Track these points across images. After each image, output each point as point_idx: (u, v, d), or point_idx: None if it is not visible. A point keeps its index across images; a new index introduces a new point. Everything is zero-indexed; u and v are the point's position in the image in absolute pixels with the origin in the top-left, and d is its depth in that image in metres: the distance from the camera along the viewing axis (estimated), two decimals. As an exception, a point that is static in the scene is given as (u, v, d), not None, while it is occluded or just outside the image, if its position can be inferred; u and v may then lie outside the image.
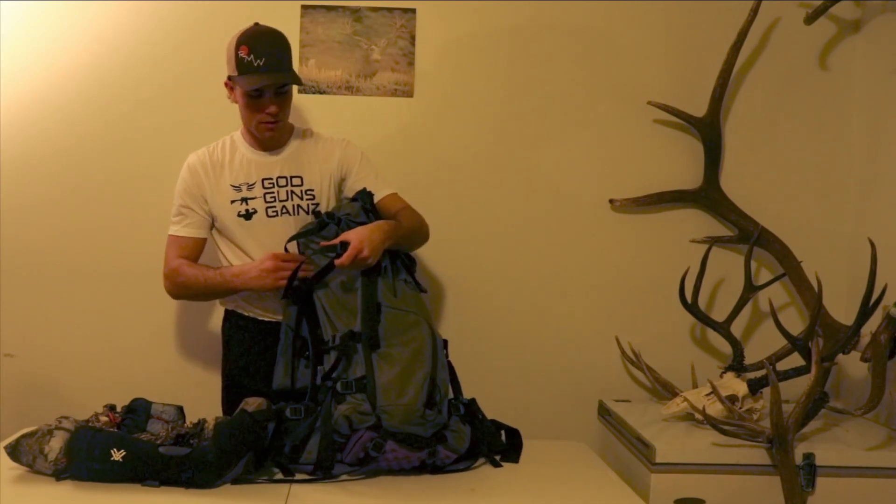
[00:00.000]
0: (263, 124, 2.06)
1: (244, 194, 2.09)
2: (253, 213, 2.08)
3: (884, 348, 2.05)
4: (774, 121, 2.61)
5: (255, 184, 2.10)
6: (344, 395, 1.73)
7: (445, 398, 1.83)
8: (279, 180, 2.11)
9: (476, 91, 2.56)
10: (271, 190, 2.10)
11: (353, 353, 1.79)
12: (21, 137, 2.47)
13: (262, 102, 2.03)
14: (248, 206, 2.08)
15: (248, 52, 1.99)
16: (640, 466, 2.04)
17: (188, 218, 2.12)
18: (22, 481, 1.61)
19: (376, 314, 1.85)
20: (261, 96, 2.03)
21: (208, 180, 2.11)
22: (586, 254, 2.59)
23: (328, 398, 1.75)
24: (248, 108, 2.05)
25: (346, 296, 1.89)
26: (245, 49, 2.00)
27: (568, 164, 2.59)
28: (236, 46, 2.02)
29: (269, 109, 2.03)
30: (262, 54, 1.99)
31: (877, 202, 2.49)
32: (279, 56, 2.04)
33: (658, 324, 2.58)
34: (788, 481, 1.94)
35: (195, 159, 2.14)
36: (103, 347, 2.50)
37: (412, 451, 1.71)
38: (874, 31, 2.53)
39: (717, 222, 2.59)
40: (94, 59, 2.47)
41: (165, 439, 1.66)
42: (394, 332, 1.85)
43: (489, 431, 1.91)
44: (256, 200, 2.09)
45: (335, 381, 1.77)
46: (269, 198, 2.10)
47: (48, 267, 2.49)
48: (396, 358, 1.80)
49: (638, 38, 2.58)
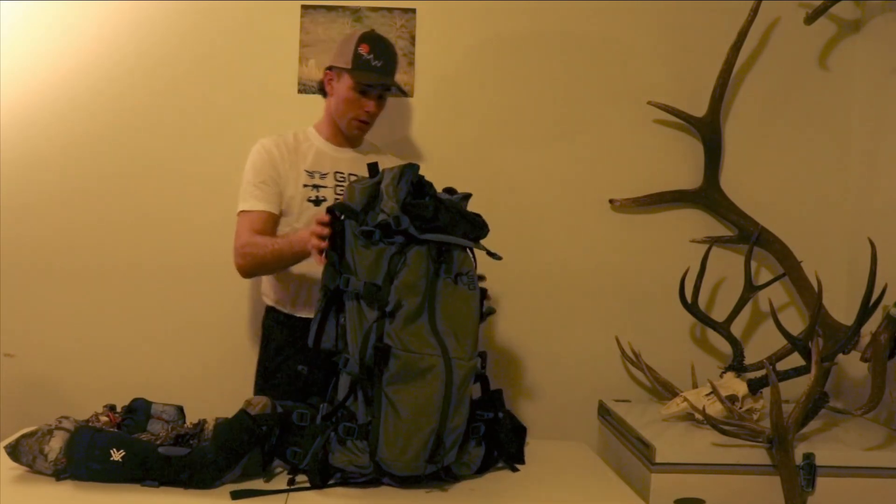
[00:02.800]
0: (357, 121, 2.16)
1: (316, 181, 2.15)
2: (322, 201, 2.13)
3: (884, 348, 2.05)
4: (774, 121, 2.61)
5: (328, 174, 2.17)
6: (344, 439, 1.65)
7: (454, 447, 1.68)
8: (350, 177, 2.17)
9: (476, 91, 2.56)
10: (342, 184, 2.16)
11: (367, 387, 1.64)
12: (21, 137, 2.47)
13: (364, 100, 2.13)
14: (318, 194, 2.14)
15: (368, 51, 2.11)
16: (640, 466, 2.04)
17: (263, 192, 2.12)
18: (22, 481, 1.61)
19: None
20: (366, 94, 2.12)
21: (282, 160, 2.15)
22: (586, 254, 2.59)
23: (328, 434, 1.66)
24: (350, 102, 2.14)
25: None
26: (366, 47, 2.11)
27: (568, 164, 2.59)
28: (357, 43, 2.12)
29: (368, 107, 2.13)
30: (382, 57, 2.12)
31: (877, 202, 2.49)
32: (393, 63, 2.17)
33: (658, 324, 2.58)
34: (788, 481, 1.94)
35: (268, 141, 2.17)
36: (103, 347, 2.50)
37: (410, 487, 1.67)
38: (874, 31, 2.53)
39: (717, 222, 2.59)
40: (93, 58, 2.48)
41: (166, 439, 1.65)
42: (408, 373, 1.63)
43: (507, 440, 1.85)
44: (327, 189, 2.15)
45: (337, 421, 1.66)
46: (340, 190, 2.15)
47: (48, 266, 2.49)
48: (406, 404, 1.62)
49: (638, 38, 2.58)
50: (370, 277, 1.67)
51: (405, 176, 1.70)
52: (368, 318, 1.66)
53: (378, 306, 1.65)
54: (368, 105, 2.13)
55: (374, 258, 1.68)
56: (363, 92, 2.12)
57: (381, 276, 1.67)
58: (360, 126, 2.17)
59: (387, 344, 1.61)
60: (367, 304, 1.67)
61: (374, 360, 1.61)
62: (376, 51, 2.11)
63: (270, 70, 2.51)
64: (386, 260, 1.68)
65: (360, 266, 1.68)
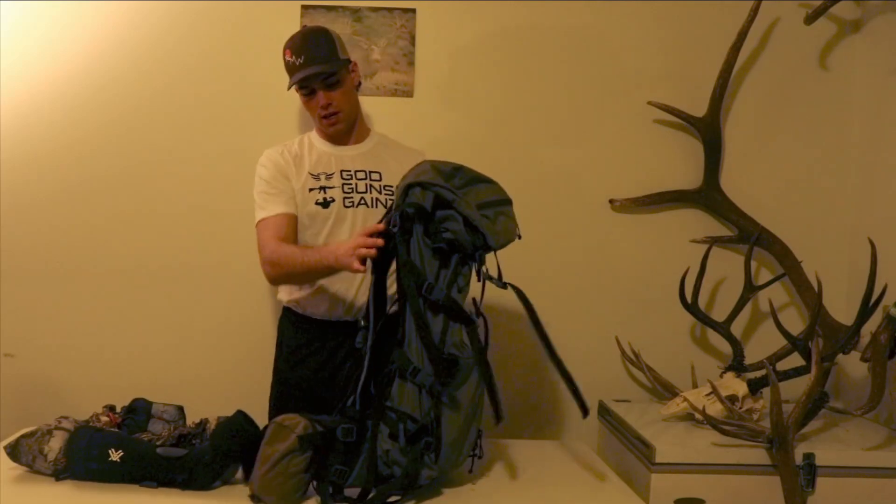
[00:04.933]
0: (324, 119, 2.13)
1: (322, 183, 2.12)
2: (331, 202, 2.10)
3: (884, 348, 2.05)
4: (774, 121, 2.61)
5: (334, 174, 2.14)
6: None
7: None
8: (357, 173, 2.15)
9: (476, 91, 2.56)
10: (349, 181, 2.14)
11: (439, 397, 1.66)
12: (21, 137, 2.47)
13: (315, 98, 2.11)
14: (325, 195, 2.11)
15: (290, 55, 2.10)
16: (640, 466, 2.04)
17: (277, 196, 2.10)
18: (22, 481, 1.61)
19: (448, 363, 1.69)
20: (313, 93, 2.10)
21: (288, 167, 2.14)
22: (586, 254, 2.59)
23: (418, 453, 1.64)
24: (307, 105, 2.15)
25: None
26: (288, 52, 2.11)
27: (568, 164, 2.59)
28: (284, 52, 2.12)
29: (320, 101, 2.10)
30: (301, 52, 2.08)
31: (877, 202, 2.49)
32: (315, 50, 2.09)
33: (658, 324, 2.58)
34: (788, 481, 1.94)
35: (273, 151, 2.17)
36: (103, 347, 2.50)
37: None
38: (874, 31, 2.53)
39: (717, 222, 2.59)
40: (93, 58, 2.48)
41: (167, 439, 1.65)
42: (462, 377, 1.69)
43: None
44: (334, 190, 2.12)
45: (418, 436, 1.64)
46: (347, 189, 2.12)
47: (48, 267, 2.49)
48: (462, 403, 1.68)
49: (638, 38, 2.58)
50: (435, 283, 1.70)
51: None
52: (434, 327, 1.68)
53: (454, 317, 1.68)
54: (319, 99, 2.10)
55: (451, 272, 1.71)
56: (307, 92, 2.11)
57: (448, 284, 1.70)
58: (330, 122, 2.13)
59: (454, 354, 1.67)
60: (443, 314, 1.68)
61: (447, 370, 1.64)
62: (296, 50, 2.09)
63: (270, 70, 2.50)
64: (456, 272, 1.72)
65: (430, 273, 1.69)
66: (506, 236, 1.74)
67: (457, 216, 1.68)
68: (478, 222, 1.68)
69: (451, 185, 1.71)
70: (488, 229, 1.69)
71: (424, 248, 1.69)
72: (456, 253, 1.69)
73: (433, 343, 1.65)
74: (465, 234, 1.67)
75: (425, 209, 1.68)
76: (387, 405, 1.66)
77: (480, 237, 1.68)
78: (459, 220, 1.67)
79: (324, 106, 2.10)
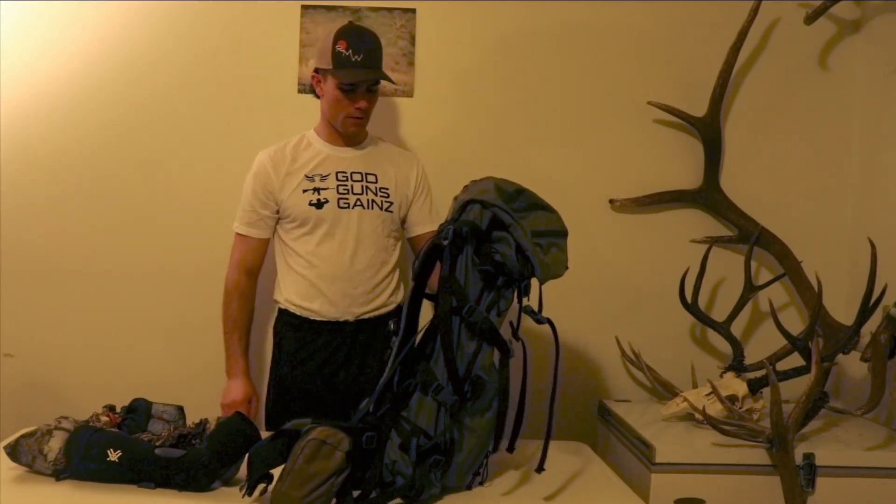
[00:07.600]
0: (351, 119, 2.11)
1: (317, 184, 2.12)
2: (324, 203, 2.11)
3: (884, 348, 2.05)
4: (774, 121, 2.61)
5: (329, 175, 2.14)
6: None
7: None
8: (353, 175, 2.15)
9: (476, 91, 2.56)
10: (345, 183, 2.14)
11: (457, 416, 1.64)
12: (21, 137, 2.47)
13: (353, 97, 2.08)
14: (319, 196, 2.11)
15: (346, 48, 2.04)
16: (640, 466, 2.04)
17: (255, 220, 2.16)
18: (21, 481, 1.61)
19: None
20: (353, 91, 2.07)
21: (277, 173, 2.13)
22: (586, 254, 2.59)
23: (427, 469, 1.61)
24: (338, 101, 2.09)
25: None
26: (343, 44, 2.05)
27: (568, 164, 2.59)
28: (334, 41, 2.06)
29: (359, 104, 2.08)
30: (360, 50, 2.05)
31: (877, 202, 2.49)
32: (375, 53, 2.09)
33: (658, 324, 2.57)
34: (788, 481, 1.94)
35: (264, 156, 2.17)
36: (103, 347, 2.50)
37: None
38: (874, 31, 2.53)
39: (717, 222, 2.59)
40: (93, 58, 2.48)
41: (167, 440, 1.65)
42: (484, 401, 1.68)
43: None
44: (329, 191, 2.12)
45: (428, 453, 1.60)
46: (343, 190, 2.12)
47: (48, 267, 2.49)
48: (480, 426, 1.67)
49: (638, 38, 2.58)
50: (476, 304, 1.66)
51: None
52: (466, 348, 1.65)
53: (490, 341, 1.65)
54: (359, 102, 2.08)
55: (494, 294, 1.68)
56: (350, 90, 2.06)
57: (488, 306, 1.67)
58: (355, 123, 2.13)
59: (481, 377, 1.64)
60: (479, 336, 1.65)
61: (473, 391, 1.63)
62: (354, 45, 2.04)
63: (270, 70, 2.51)
64: (499, 295, 1.68)
65: (472, 292, 1.66)
66: (554, 270, 1.70)
67: (510, 240, 1.65)
68: (530, 252, 1.64)
69: (510, 208, 1.68)
70: (538, 260, 1.65)
71: (471, 267, 1.66)
72: (501, 276, 1.66)
73: (455, 363, 1.62)
74: (514, 261, 1.64)
75: (480, 229, 1.65)
76: (402, 415, 1.63)
77: (529, 267, 1.65)
78: (512, 245, 1.64)
79: (360, 108, 2.09)
